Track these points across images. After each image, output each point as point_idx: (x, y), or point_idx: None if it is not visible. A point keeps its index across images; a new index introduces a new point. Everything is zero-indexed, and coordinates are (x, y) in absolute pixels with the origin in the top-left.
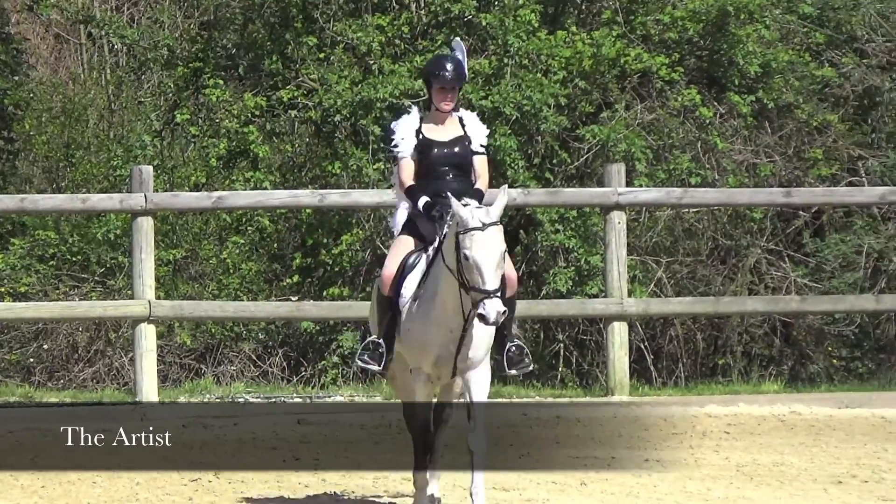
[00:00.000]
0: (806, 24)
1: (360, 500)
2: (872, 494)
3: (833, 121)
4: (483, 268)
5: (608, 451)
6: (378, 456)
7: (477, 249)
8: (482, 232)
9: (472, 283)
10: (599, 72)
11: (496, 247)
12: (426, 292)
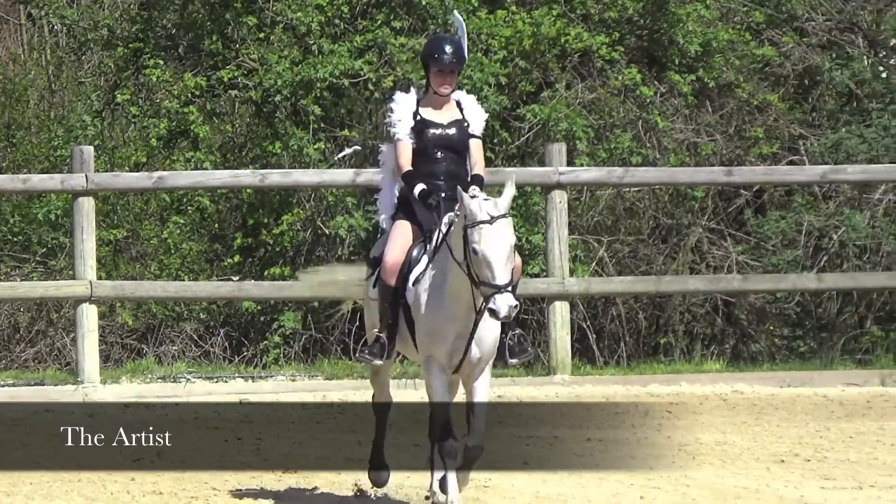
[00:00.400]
0: (746, 2)
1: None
2: (815, 473)
3: (773, 100)
4: (493, 262)
5: (550, 430)
6: (320, 435)
7: (486, 243)
8: (491, 225)
9: (482, 277)
10: (540, 51)
11: (506, 240)
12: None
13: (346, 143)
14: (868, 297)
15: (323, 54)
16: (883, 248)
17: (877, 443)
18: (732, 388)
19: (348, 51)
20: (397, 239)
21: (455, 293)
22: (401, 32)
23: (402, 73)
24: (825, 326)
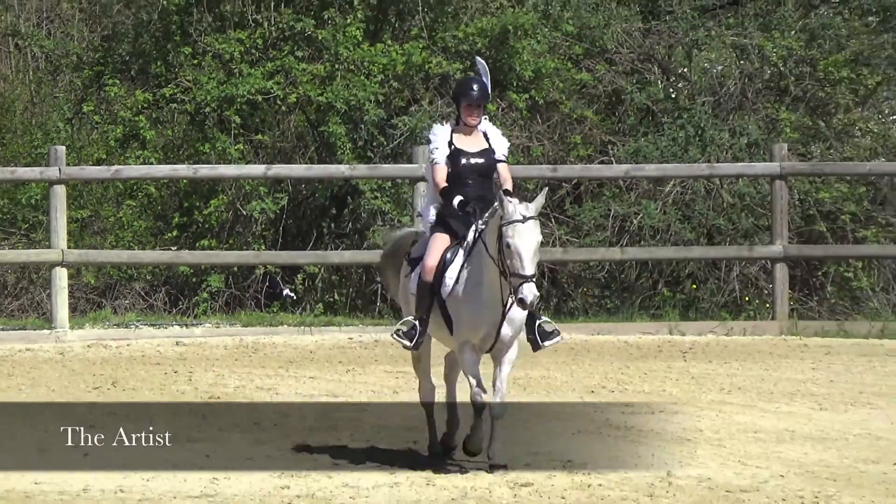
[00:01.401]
0: (568, 39)
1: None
2: (617, 401)
3: (589, 114)
4: (523, 255)
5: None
6: (237, 370)
7: (518, 238)
8: (523, 224)
9: (513, 269)
10: (409, 75)
11: (534, 237)
12: (470, 279)
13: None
14: (659, 266)
15: (242, 76)
16: (671, 229)
17: (665, 378)
18: (679, 334)
19: (262, 73)
20: (435, 246)
21: (490, 285)
22: (302, 60)
23: (303, 91)
24: (627, 288)
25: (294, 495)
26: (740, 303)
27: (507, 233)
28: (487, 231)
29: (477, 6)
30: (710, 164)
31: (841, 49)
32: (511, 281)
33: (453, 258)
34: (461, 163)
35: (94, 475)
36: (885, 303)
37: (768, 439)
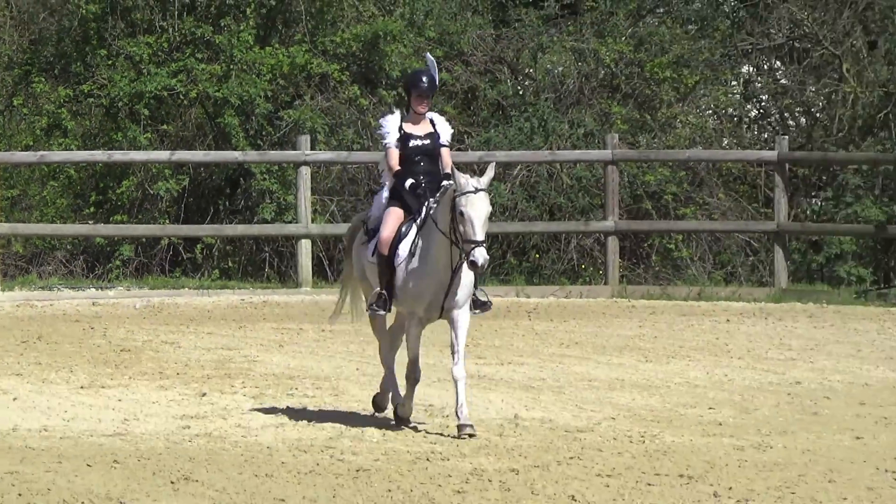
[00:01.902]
0: (430, 43)
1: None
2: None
3: (448, 108)
4: (475, 222)
5: (297, 323)
6: (145, 326)
7: (471, 207)
8: (475, 194)
9: (465, 235)
10: (294, 74)
11: (485, 206)
12: (419, 253)
13: None
14: (508, 238)
15: (150, 75)
16: (518, 207)
17: (513, 334)
18: (525, 297)
19: (167, 73)
20: (390, 220)
21: (437, 256)
22: (202, 61)
23: (202, 87)
24: None
25: (193, 434)
26: (577, 270)
27: (460, 202)
28: (438, 208)
29: (352, 15)
30: (551, 151)
31: (664, 53)
32: (463, 246)
33: (407, 232)
34: (409, 145)
35: (22, 416)
36: (702, 270)
37: (601, 387)
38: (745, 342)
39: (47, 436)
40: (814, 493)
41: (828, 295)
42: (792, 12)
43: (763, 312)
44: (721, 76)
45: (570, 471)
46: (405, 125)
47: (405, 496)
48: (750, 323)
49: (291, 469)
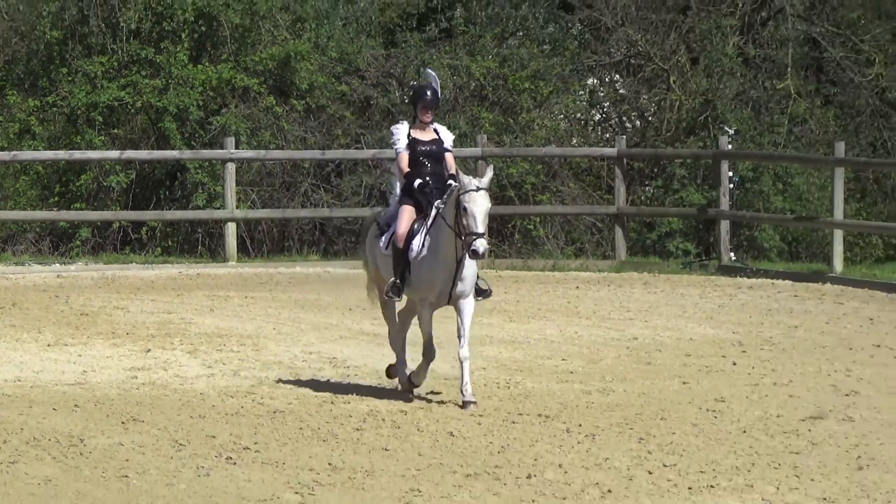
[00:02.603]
0: (332, 61)
1: (91, 319)
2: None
3: (347, 115)
4: (477, 216)
5: (225, 291)
6: (101, 295)
7: (473, 204)
8: (477, 192)
9: (468, 228)
10: (220, 87)
11: (485, 203)
12: (430, 246)
13: None
14: None
15: (103, 88)
16: None
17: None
18: (324, 270)
19: (117, 86)
20: (404, 216)
21: (445, 252)
22: (146, 76)
23: (146, 98)
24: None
25: (140, 383)
26: None
27: (464, 200)
28: (446, 206)
29: (268, 38)
30: None
31: (524, 68)
32: (466, 238)
33: (419, 228)
34: (418, 149)
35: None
36: (556, 246)
37: (474, 343)
38: (591, 305)
39: (20, 385)
40: (648, 428)
41: (659, 266)
42: (628, 34)
43: (606, 281)
44: (570, 87)
45: (449, 412)
46: (413, 132)
47: (313, 432)
48: (595, 289)
49: (220, 411)
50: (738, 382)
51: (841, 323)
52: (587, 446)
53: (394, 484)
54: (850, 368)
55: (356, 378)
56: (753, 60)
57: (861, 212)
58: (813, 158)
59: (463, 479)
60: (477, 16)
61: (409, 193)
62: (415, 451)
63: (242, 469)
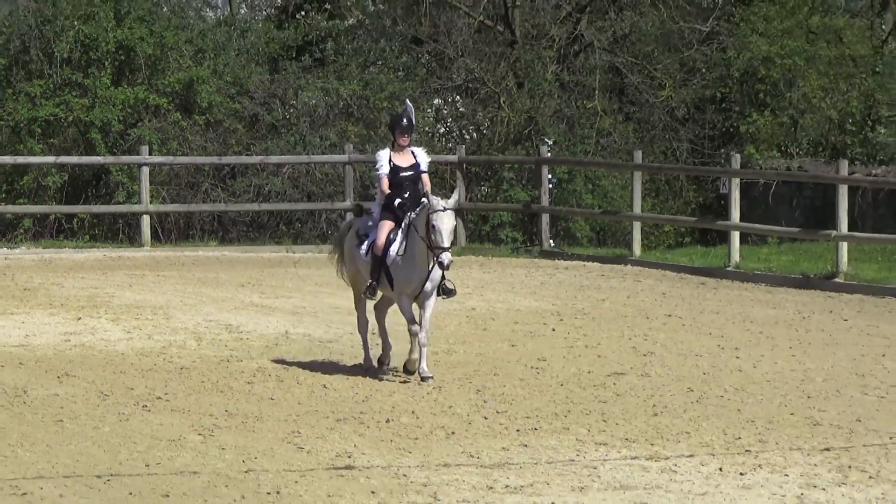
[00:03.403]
0: (227, 84)
1: (33, 293)
2: (258, 291)
3: (239, 127)
4: (443, 233)
5: (141, 271)
6: (41, 274)
7: (440, 222)
8: (444, 212)
9: (436, 243)
10: (137, 105)
11: (451, 222)
12: (407, 253)
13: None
14: (282, 213)
15: (42, 105)
16: (287, 192)
17: (283, 277)
18: (221, 253)
19: (53, 104)
20: (383, 229)
21: (420, 256)
22: (76, 96)
23: (77, 114)
24: (262, 226)
25: (72, 345)
26: (327, 235)
27: (433, 218)
28: (417, 220)
29: (175, 65)
30: (308, 156)
31: (382, 90)
32: (434, 251)
33: (394, 238)
34: (399, 175)
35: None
36: None
37: (344, 312)
38: None
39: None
40: (484, 381)
41: (493, 251)
42: (467, 63)
43: None
44: (420, 106)
45: (323, 368)
46: (393, 156)
47: (213, 385)
48: None
49: (137, 368)
50: (556, 345)
51: (639, 297)
52: (435, 396)
53: (278, 427)
54: (646, 334)
55: (248, 341)
56: (568, 85)
57: (655, 207)
58: (616, 164)
59: (334, 422)
60: (344, 48)
61: (390, 210)
62: (295, 400)
63: (156, 415)
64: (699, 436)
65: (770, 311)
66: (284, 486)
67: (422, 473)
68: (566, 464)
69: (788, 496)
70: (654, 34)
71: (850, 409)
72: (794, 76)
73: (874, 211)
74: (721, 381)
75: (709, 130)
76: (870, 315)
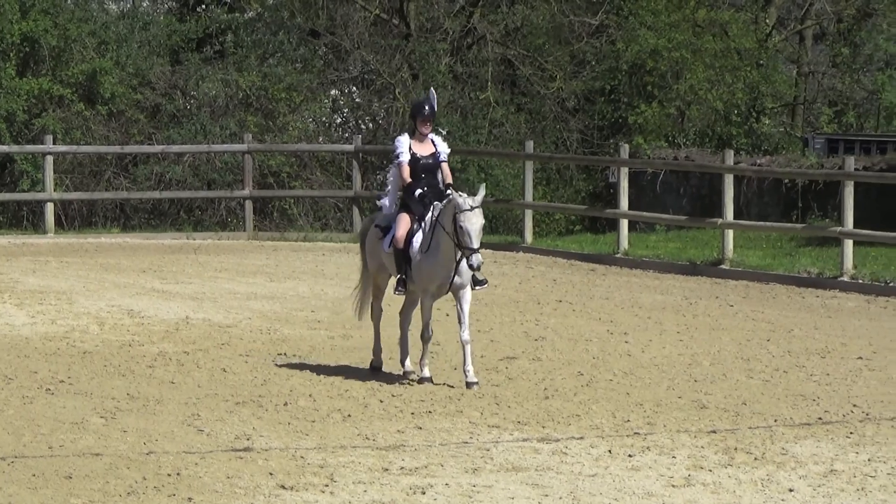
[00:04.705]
0: (129, 75)
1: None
2: (161, 276)
3: (142, 117)
4: (472, 234)
5: (45, 257)
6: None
7: (468, 222)
8: (471, 211)
9: (464, 243)
10: (42, 95)
11: (479, 221)
12: (430, 248)
13: None
14: (182, 201)
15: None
16: (188, 180)
17: (184, 264)
18: (123, 240)
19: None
20: (402, 223)
21: (444, 251)
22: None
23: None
24: (162, 213)
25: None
26: (226, 222)
27: (459, 218)
28: (443, 216)
29: (79, 57)
30: (209, 145)
31: (280, 81)
32: (464, 252)
33: (417, 230)
34: (419, 163)
35: None
36: (307, 222)
37: (242, 297)
38: (334, 268)
39: None
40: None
41: None
42: (363, 55)
43: (346, 249)
44: (318, 97)
45: (222, 353)
46: (413, 144)
47: (115, 369)
48: (338, 256)
49: (41, 352)
50: (449, 329)
51: (531, 283)
52: (332, 380)
53: (179, 410)
54: (538, 319)
55: (149, 326)
56: (461, 76)
57: (546, 195)
58: (508, 153)
59: (234, 406)
60: (244, 40)
61: (409, 201)
62: (195, 383)
63: (59, 398)
64: (589, 418)
65: (658, 297)
66: (185, 467)
67: (319, 455)
68: (460, 446)
69: (676, 477)
70: (546, 27)
71: (736, 393)
72: (682, 68)
73: (759, 199)
74: (610, 365)
75: (598, 121)
76: (755, 301)
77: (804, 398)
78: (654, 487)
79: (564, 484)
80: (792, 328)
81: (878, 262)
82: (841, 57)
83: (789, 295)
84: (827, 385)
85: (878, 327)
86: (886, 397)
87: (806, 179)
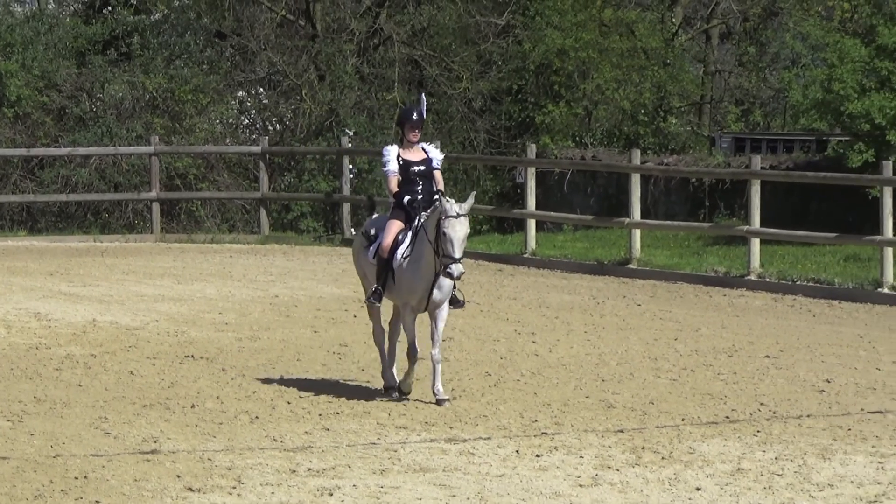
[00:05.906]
0: (37, 78)
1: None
2: (70, 279)
3: (49, 120)
4: (454, 242)
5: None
6: None
7: (452, 230)
8: (456, 219)
9: (446, 252)
10: None
11: (464, 229)
12: (413, 256)
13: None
14: (88, 204)
15: None
16: (95, 184)
17: (90, 266)
18: (30, 243)
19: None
20: (391, 229)
21: (425, 262)
22: None
23: None
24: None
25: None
26: (134, 224)
27: (444, 225)
28: (428, 222)
29: None
30: (115, 147)
31: (187, 83)
32: (443, 260)
33: (403, 240)
34: (410, 169)
35: None
36: (214, 224)
37: (149, 300)
38: (242, 270)
39: None
40: (287, 367)
41: (295, 239)
42: (269, 57)
43: (253, 251)
44: (224, 98)
45: (129, 355)
46: (402, 153)
47: (21, 372)
48: (245, 258)
49: None
50: (357, 331)
51: None
52: (239, 382)
53: (86, 412)
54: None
55: (56, 329)
56: (368, 77)
57: (454, 196)
58: None
59: (141, 408)
60: (150, 42)
61: (401, 208)
62: (103, 386)
63: None
64: (497, 419)
65: (566, 297)
66: (92, 470)
67: (226, 457)
68: (367, 447)
69: (584, 477)
70: (452, 27)
71: (644, 392)
72: (588, 68)
73: (666, 199)
74: (518, 365)
75: (505, 121)
76: (662, 300)
77: (711, 397)
78: (561, 487)
79: (472, 484)
80: (699, 327)
81: (785, 260)
82: (747, 56)
83: (697, 294)
84: (734, 384)
85: (784, 326)
86: (793, 396)
87: (713, 178)
